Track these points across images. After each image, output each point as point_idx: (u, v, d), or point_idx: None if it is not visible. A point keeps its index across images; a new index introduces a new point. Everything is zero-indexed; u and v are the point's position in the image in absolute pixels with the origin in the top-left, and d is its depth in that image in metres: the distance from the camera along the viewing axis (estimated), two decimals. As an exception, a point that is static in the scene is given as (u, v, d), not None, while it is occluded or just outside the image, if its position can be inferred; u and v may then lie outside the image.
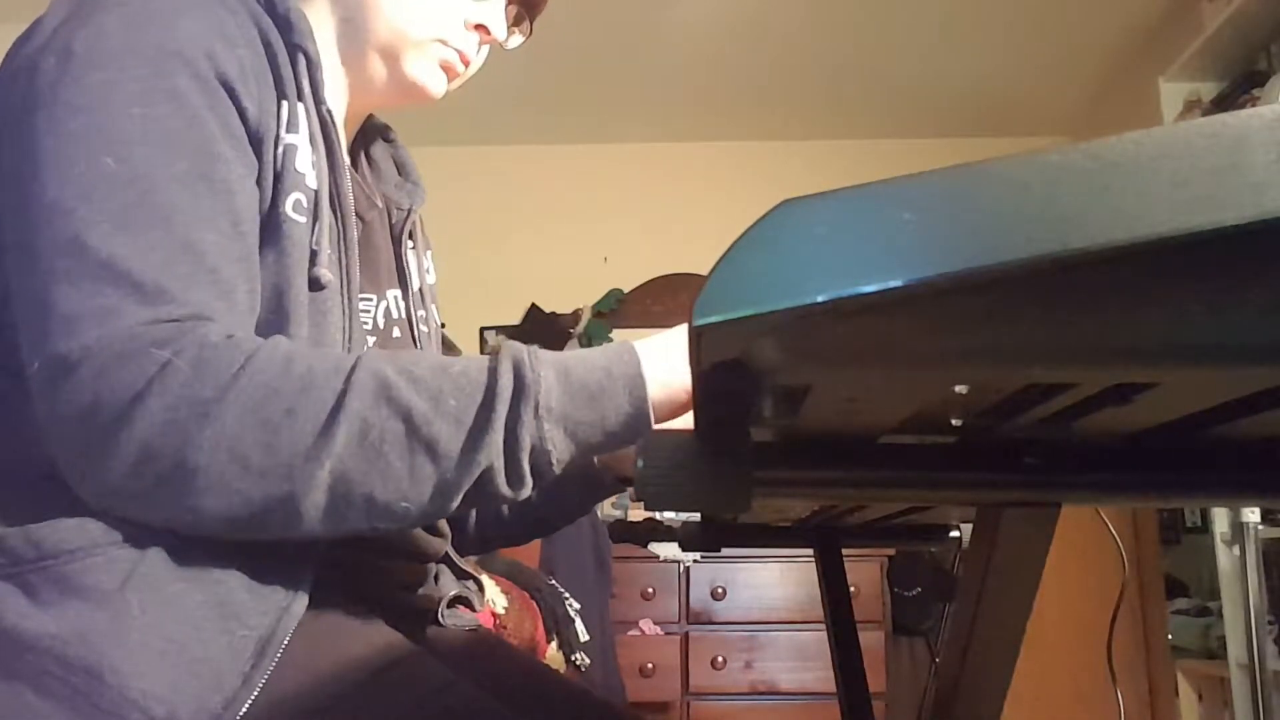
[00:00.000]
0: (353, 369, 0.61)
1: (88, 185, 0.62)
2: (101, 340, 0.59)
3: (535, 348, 0.65)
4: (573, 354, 0.66)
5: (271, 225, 0.71)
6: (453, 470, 0.61)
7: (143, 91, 0.65)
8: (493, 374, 0.63)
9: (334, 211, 0.76)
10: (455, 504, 0.63)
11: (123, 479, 0.59)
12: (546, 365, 0.63)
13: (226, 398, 0.59)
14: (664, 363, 0.66)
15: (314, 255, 0.72)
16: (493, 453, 0.61)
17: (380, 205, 0.91)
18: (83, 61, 0.64)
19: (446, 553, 0.90)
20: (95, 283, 0.60)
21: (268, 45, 0.73)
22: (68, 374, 0.59)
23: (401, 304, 0.90)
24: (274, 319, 0.70)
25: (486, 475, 0.62)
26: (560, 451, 0.63)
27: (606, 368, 0.65)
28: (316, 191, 0.74)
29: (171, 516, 0.61)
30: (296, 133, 0.73)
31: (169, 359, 0.59)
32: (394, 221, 0.92)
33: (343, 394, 0.60)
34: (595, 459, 0.88)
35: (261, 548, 0.65)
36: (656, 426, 0.66)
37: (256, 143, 0.71)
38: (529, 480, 0.63)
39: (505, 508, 0.95)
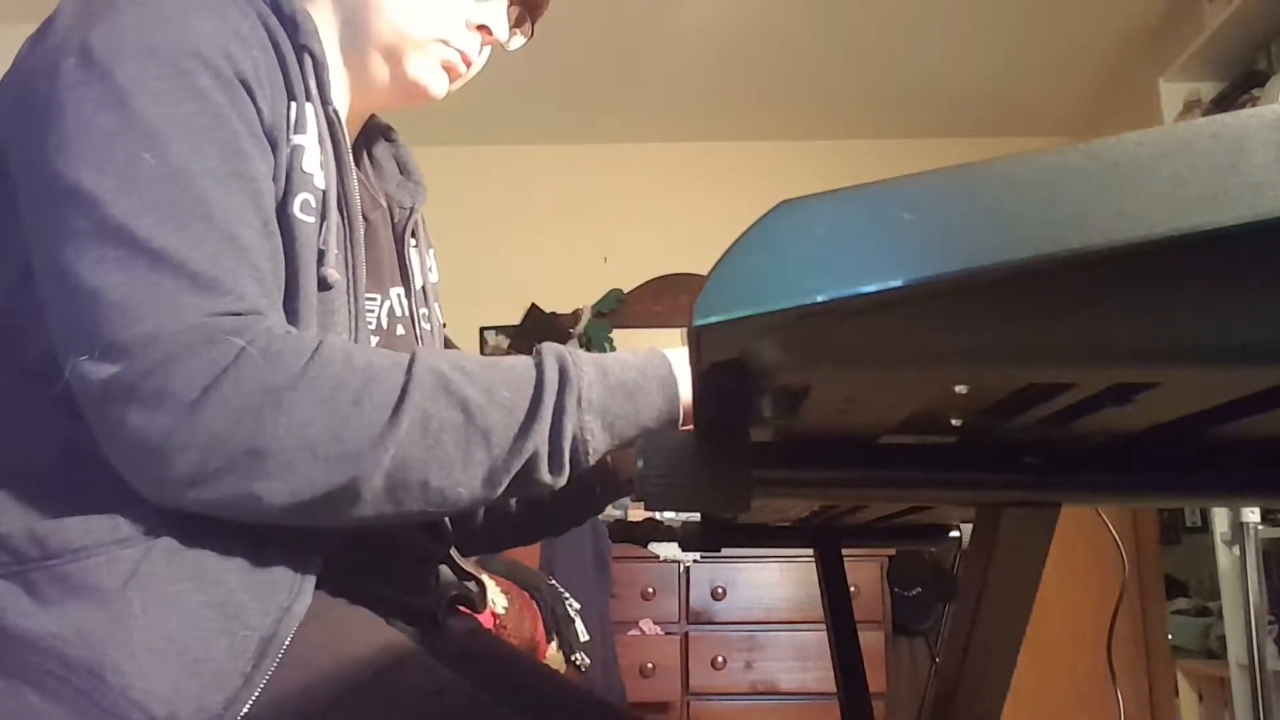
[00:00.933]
0: (411, 363, 0.64)
1: (129, 178, 0.63)
2: (166, 328, 0.60)
3: (574, 348, 0.69)
4: (607, 355, 0.70)
5: (280, 226, 0.71)
6: (504, 457, 0.64)
7: (169, 90, 0.65)
8: (539, 368, 0.66)
9: (341, 211, 0.77)
10: (501, 490, 0.65)
11: (191, 464, 0.60)
12: (587, 362, 0.68)
13: (298, 386, 0.61)
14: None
15: (321, 255, 0.73)
16: (539, 440, 0.65)
17: (383, 204, 0.91)
18: (105, 60, 0.64)
19: (449, 553, 0.90)
20: (151, 272, 0.61)
21: (276, 46, 0.73)
22: (129, 361, 0.60)
23: (405, 302, 0.90)
24: (285, 317, 0.70)
25: (531, 463, 0.65)
26: (598, 442, 0.67)
27: (640, 368, 0.69)
28: (324, 192, 0.74)
29: (234, 503, 0.61)
30: (304, 133, 0.73)
31: (243, 347, 0.60)
32: (396, 220, 0.93)
33: (405, 385, 0.63)
34: (609, 459, 0.89)
35: (263, 548, 0.65)
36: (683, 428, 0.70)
37: (270, 143, 0.71)
38: (568, 468, 0.66)
39: (515, 505, 0.96)
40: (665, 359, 0.70)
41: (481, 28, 0.86)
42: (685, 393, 0.70)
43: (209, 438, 0.59)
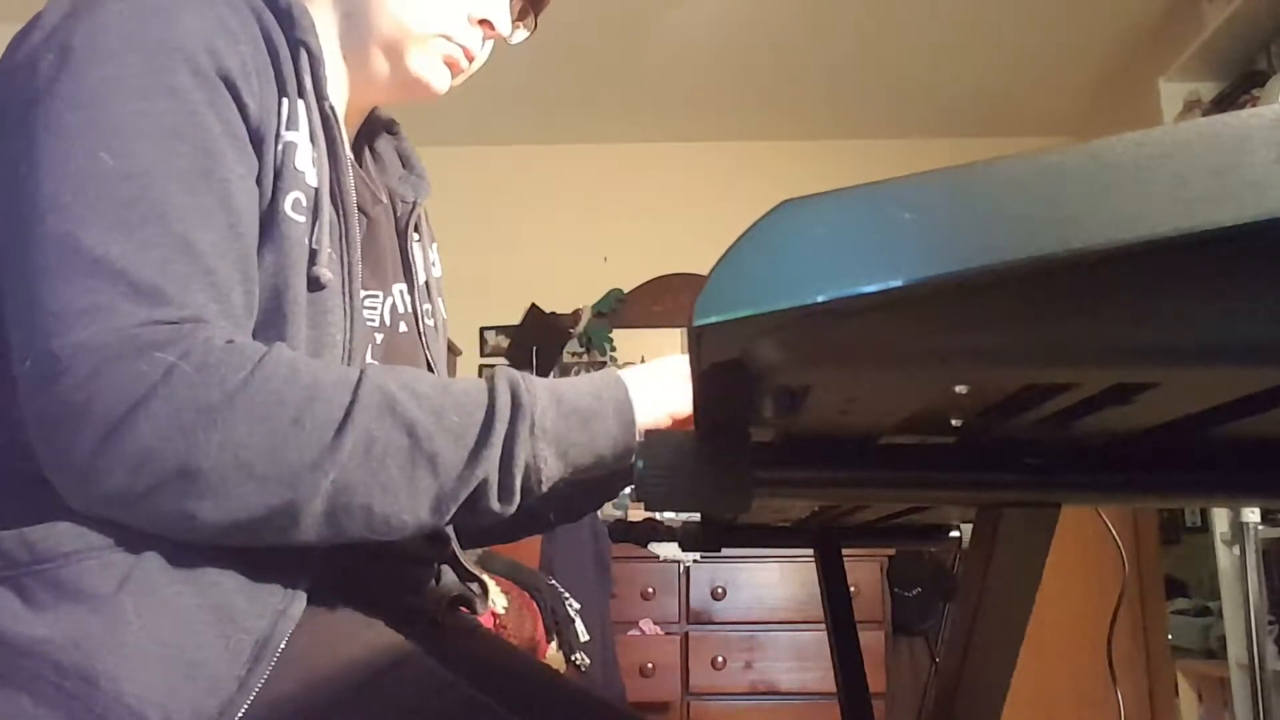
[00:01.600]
0: (359, 382, 0.62)
1: (83, 181, 0.61)
2: (96, 339, 0.58)
3: (527, 373, 0.68)
4: (562, 380, 0.69)
5: (270, 225, 0.70)
6: (451, 483, 0.62)
7: (142, 87, 0.64)
8: (491, 393, 0.65)
9: (335, 209, 0.76)
10: (448, 517, 0.64)
11: (119, 483, 0.58)
12: (540, 388, 0.66)
13: (235, 403, 0.59)
14: (649, 391, 0.70)
15: (313, 254, 0.72)
16: (489, 468, 0.63)
17: (385, 200, 0.90)
18: (82, 57, 0.63)
19: (453, 553, 0.89)
20: (89, 280, 0.59)
21: (269, 41, 0.73)
22: (59, 373, 0.58)
23: (407, 298, 0.89)
24: (273, 319, 0.69)
25: (480, 490, 0.63)
26: (551, 470, 0.65)
27: (595, 393, 0.68)
28: (317, 189, 0.73)
29: (166, 522, 0.60)
30: (297, 130, 0.72)
31: (174, 362, 0.58)
32: (399, 215, 0.92)
33: (350, 406, 0.61)
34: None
35: (259, 550, 0.65)
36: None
37: (257, 141, 0.70)
38: (518, 497, 0.65)
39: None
40: (621, 383, 0.69)
41: (484, 22, 0.85)
42: (642, 418, 0.69)
43: (136, 456, 0.57)
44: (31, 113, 0.63)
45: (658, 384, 0.71)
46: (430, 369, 0.90)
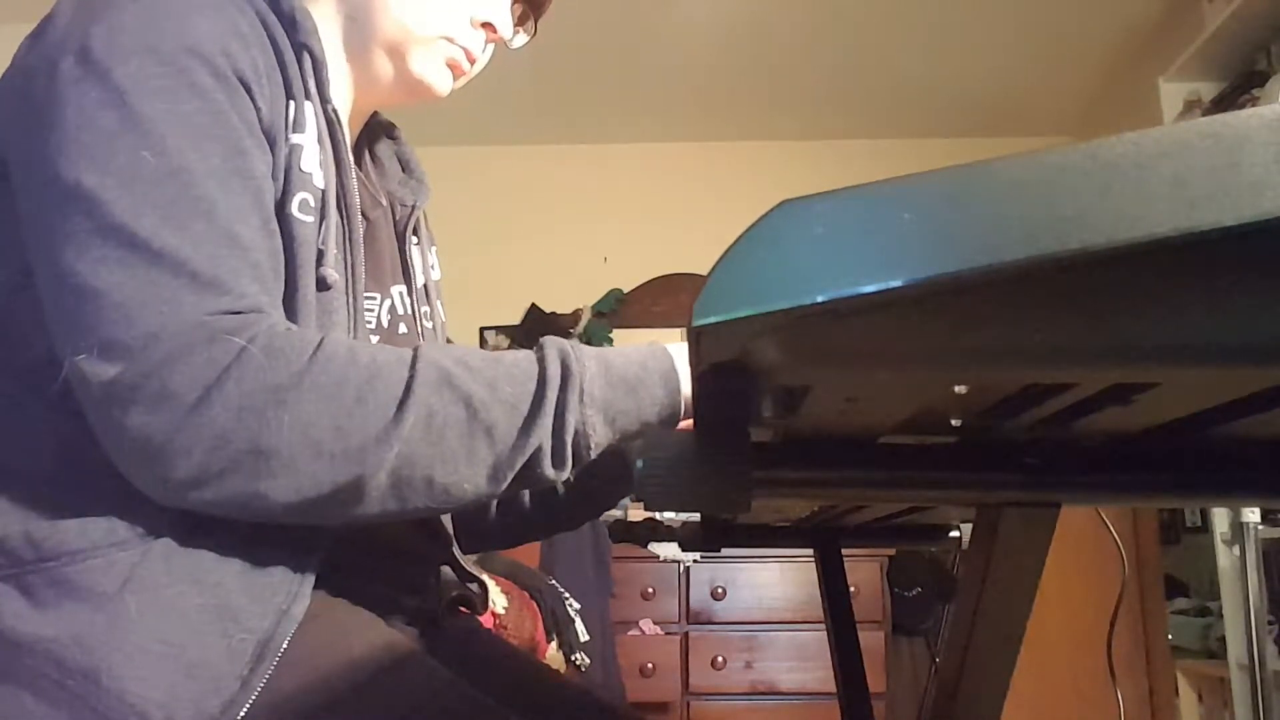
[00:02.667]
0: (415, 359, 0.64)
1: (129, 177, 0.62)
2: (167, 328, 0.60)
3: (575, 341, 0.69)
4: (610, 349, 0.70)
5: (279, 226, 0.71)
6: (507, 452, 0.64)
7: (169, 87, 0.65)
8: (541, 363, 0.66)
9: (340, 211, 0.76)
10: (505, 485, 0.65)
11: (195, 465, 0.59)
12: (589, 356, 0.67)
13: (302, 384, 0.60)
14: None
15: (320, 255, 0.73)
16: (543, 435, 0.65)
17: (385, 203, 0.91)
18: (104, 58, 0.64)
19: (452, 554, 0.89)
20: (151, 271, 0.61)
21: (274, 44, 0.73)
22: (131, 360, 0.59)
23: (406, 300, 0.90)
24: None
25: (535, 458, 0.65)
26: (599, 436, 0.67)
27: (642, 362, 0.69)
28: (323, 191, 0.74)
29: (238, 502, 0.61)
30: (303, 132, 0.73)
31: (244, 346, 0.60)
32: (398, 218, 0.92)
33: (409, 381, 0.63)
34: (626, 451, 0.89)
35: (261, 550, 0.65)
36: (683, 423, 0.70)
37: (269, 141, 0.71)
38: (569, 463, 0.66)
39: (529, 501, 0.96)
40: (667, 353, 0.70)
41: (486, 25, 0.86)
42: (687, 387, 0.70)
43: (212, 438, 0.59)
44: (58, 113, 0.64)
45: None
46: None
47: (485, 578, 0.95)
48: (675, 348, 0.71)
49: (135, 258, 0.61)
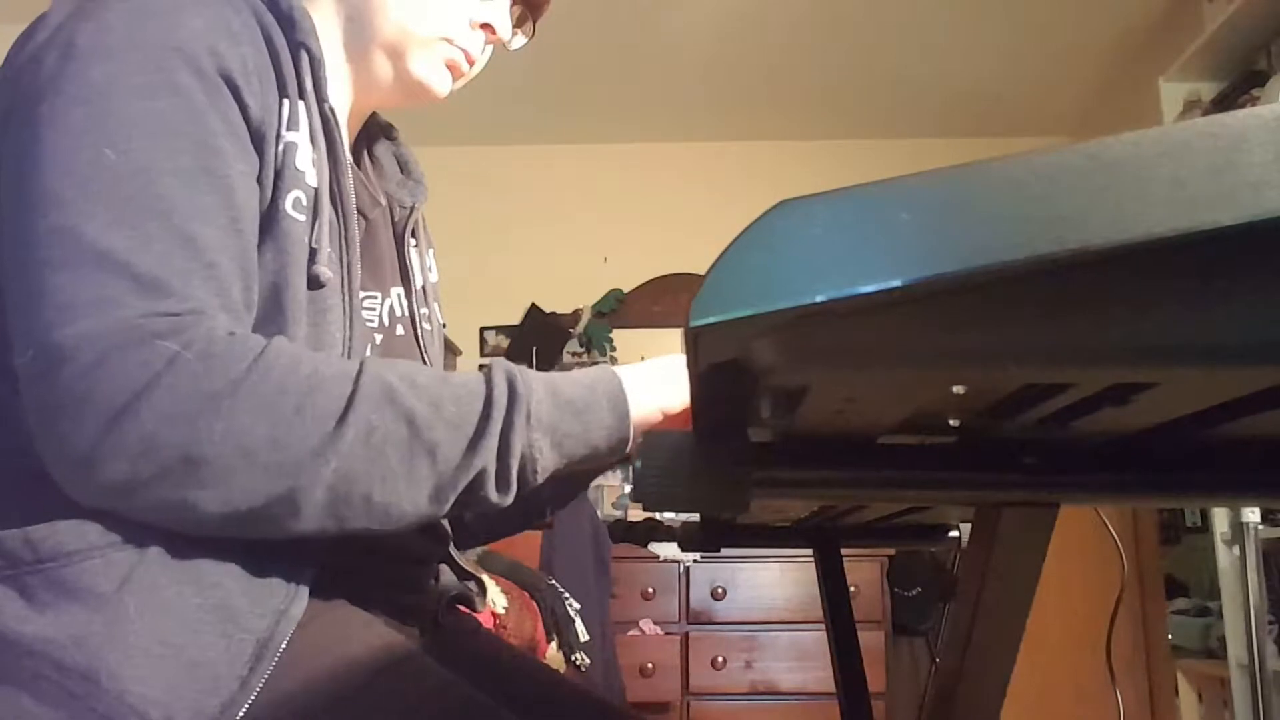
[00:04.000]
0: (359, 373, 0.63)
1: (87, 176, 0.62)
2: (100, 329, 0.59)
3: (522, 366, 0.68)
4: (557, 374, 0.69)
5: (271, 223, 0.70)
6: (450, 473, 0.63)
7: (145, 85, 0.64)
8: (489, 384, 0.65)
9: (335, 209, 0.76)
10: (447, 508, 0.64)
11: (121, 471, 0.58)
12: (535, 380, 0.67)
13: (238, 392, 0.59)
14: (643, 385, 0.70)
15: (313, 253, 0.72)
16: (487, 458, 0.63)
17: (383, 203, 0.91)
18: (85, 55, 0.64)
19: (449, 552, 0.89)
20: (93, 272, 0.60)
21: (270, 43, 0.73)
22: (62, 363, 0.58)
23: (405, 302, 0.90)
24: (272, 317, 0.70)
25: (478, 480, 0.64)
26: (546, 460, 0.66)
27: (590, 385, 0.68)
28: (316, 189, 0.74)
29: (167, 512, 0.60)
30: (297, 130, 0.73)
31: (178, 351, 0.59)
32: (396, 220, 0.92)
33: (351, 395, 0.61)
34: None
35: (260, 550, 0.65)
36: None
37: (258, 140, 0.70)
38: (514, 487, 0.65)
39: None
40: (616, 376, 0.69)
41: (485, 26, 0.86)
42: (637, 411, 0.69)
43: (139, 444, 0.58)
44: (35, 109, 0.64)
45: (652, 378, 0.72)
46: None
47: (484, 576, 0.95)
48: (625, 369, 0.71)
49: (79, 258, 0.60)
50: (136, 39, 0.65)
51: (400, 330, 0.88)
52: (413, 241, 0.93)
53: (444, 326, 0.99)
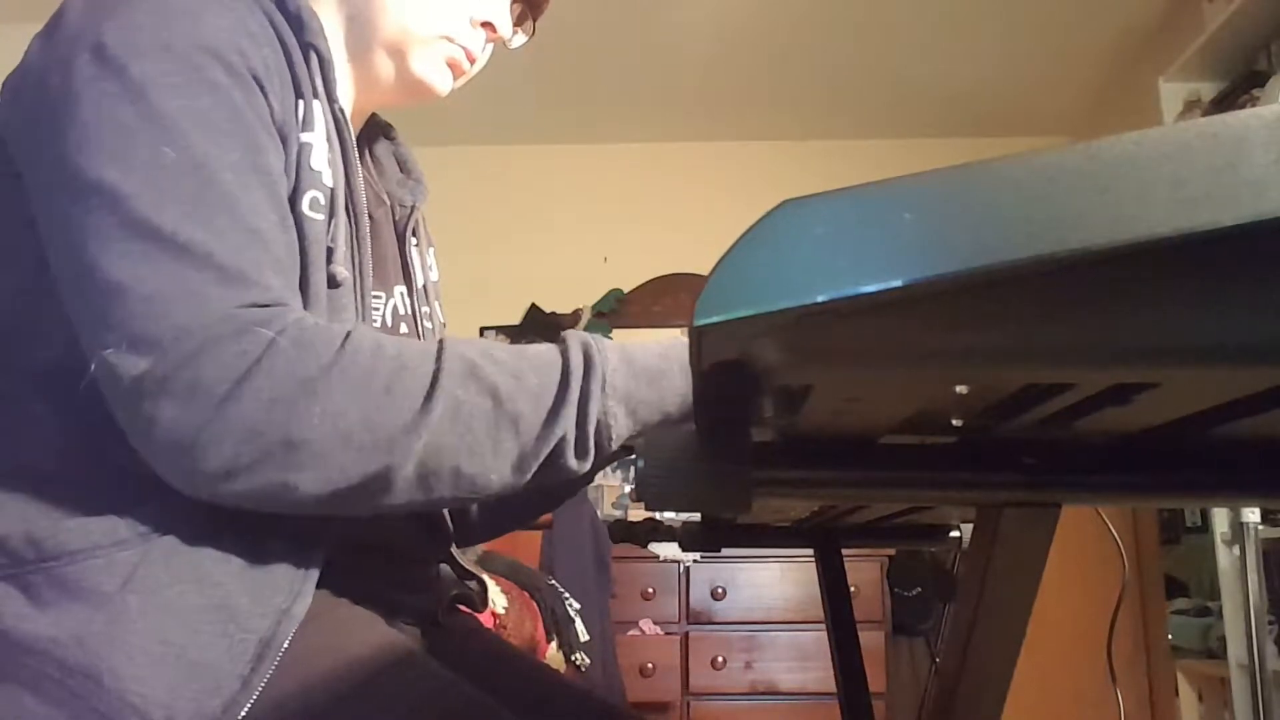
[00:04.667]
0: (441, 351, 0.64)
1: (152, 172, 0.63)
2: (195, 320, 0.60)
3: (597, 335, 0.69)
4: (632, 343, 0.70)
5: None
6: (532, 443, 0.64)
7: (185, 84, 0.65)
8: (565, 354, 0.66)
9: (347, 209, 0.77)
10: (529, 475, 0.65)
11: (225, 456, 0.59)
12: (610, 349, 0.68)
13: (331, 376, 0.61)
14: None
15: (330, 253, 0.73)
16: (567, 425, 0.65)
17: (386, 203, 0.91)
18: (120, 55, 0.64)
19: (450, 552, 0.90)
20: (177, 264, 0.61)
21: (283, 43, 0.74)
22: (162, 354, 0.59)
23: (407, 301, 0.90)
24: None
25: (559, 448, 0.65)
26: (620, 427, 0.67)
27: (663, 354, 0.69)
28: (332, 189, 0.74)
29: (268, 494, 0.61)
30: (312, 131, 0.74)
31: (273, 338, 0.60)
32: (398, 219, 0.93)
33: (436, 373, 0.63)
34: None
35: (262, 549, 0.65)
36: None
37: (281, 139, 0.71)
38: (593, 454, 0.66)
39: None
40: (687, 344, 0.70)
41: (485, 24, 0.86)
42: None
43: (243, 430, 0.59)
44: (75, 109, 0.64)
45: None
46: None
47: (485, 576, 0.95)
48: None
49: (161, 251, 0.61)
50: (165, 38, 0.66)
51: (404, 329, 0.89)
52: (413, 240, 0.93)
53: (444, 325, 0.99)
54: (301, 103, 0.74)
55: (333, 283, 0.73)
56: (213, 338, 0.59)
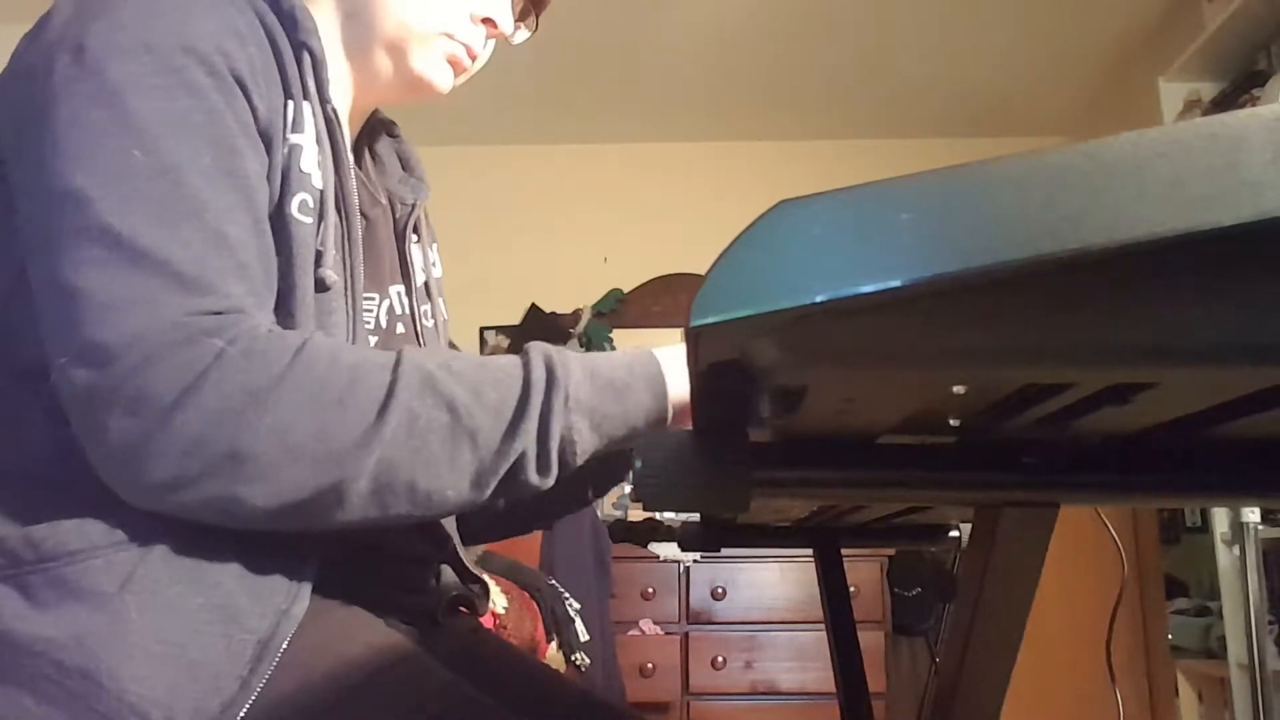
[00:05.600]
0: (398, 363, 0.63)
1: (117, 176, 0.62)
2: (145, 329, 0.59)
3: (560, 347, 0.68)
4: (595, 354, 0.69)
5: (278, 226, 0.70)
6: (491, 458, 0.63)
7: (162, 86, 0.64)
8: (526, 368, 0.65)
9: (339, 211, 0.76)
10: (489, 492, 0.64)
11: (171, 468, 0.59)
12: (574, 362, 0.67)
13: (282, 387, 0.59)
14: (680, 365, 0.70)
15: (319, 256, 0.72)
16: (527, 441, 0.64)
17: (384, 202, 0.91)
18: (99, 56, 0.64)
19: (455, 553, 0.89)
20: (133, 271, 0.60)
21: (273, 43, 0.73)
22: (110, 362, 0.59)
23: (405, 300, 0.90)
24: (281, 319, 0.70)
25: (519, 464, 0.64)
26: (585, 442, 0.66)
27: (628, 366, 0.68)
28: (322, 191, 0.74)
29: (215, 507, 0.60)
30: (302, 132, 0.73)
31: (223, 348, 0.59)
32: (397, 217, 0.92)
33: (392, 385, 0.62)
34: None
35: (261, 550, 0.65)
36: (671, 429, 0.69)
37: (265, 141, 0.70)
38: (555, 469, 0.65)
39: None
40: (653, 358, 0.69)
41: (486, 21, 0.86)
42: (674, 391, 0.69)
43: (188, 441, 0.58)
44: (53, 111, 0.63)
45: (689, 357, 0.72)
46: None
47: (486, 577, 0.95)
48: (663, 352, 0.70)
49: (118, 258, 0.60)
50: (147, 39, 0.65)
51: (400, 329, 0.88)
52: (414, 238, 0.93)
53: (447, 322, 0.99)
54: (291, 103, 0.73)
55: (321, 286, 0.72)
56: (161, 346, 0.58)
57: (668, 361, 0.70)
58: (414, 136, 1.01)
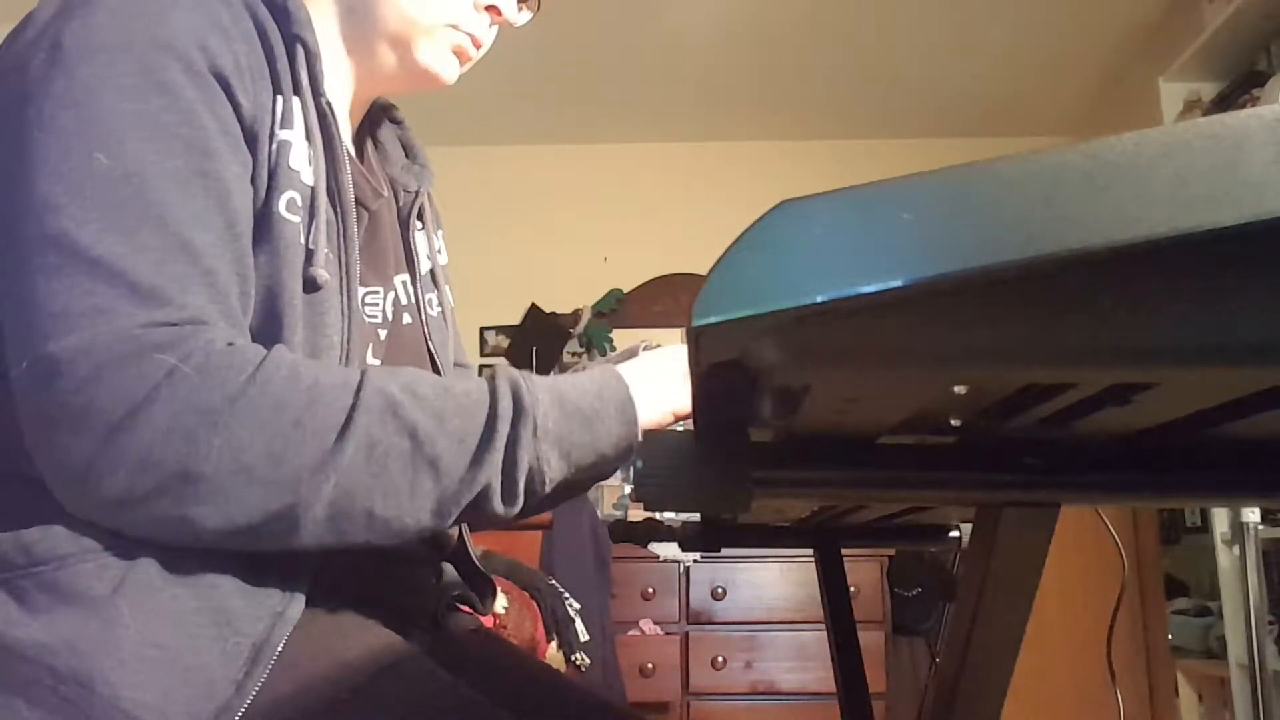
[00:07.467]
0: (360, 385, 0.61)
1: (79, 181, 0.60)
2: (95, 341, 0.57)
3: (528, 372, 0.67)
4: (563, 378, 0.68)
5: (264, 225, 0.69)
6: (453, 488, 0.62)
7: (135, 86, 0.63)
8: (493, 395, 0.64)
9: (333, 207, 0.75)
10: (450, 520, 0.63)
11: (118, 487, 0.57)
12: (542, 389, 0.65)
13: (236, 406, 0.58)
14: (650, 389, 0.70)
15: (310, 254, 0.71)
16: (492, 472, 0.63)
17: (385, 194, 0.89)
18: (73, 55, 0.62)
19: (463, 551, 0.89)
20: (87, 281, 0.59)
21: (264, 37, 0.71)
22: (58, 375, 0.57)
23: (410, 290, 0.88)
24: (267, 322, 0.68)
25: (483, 494, 0.63)
26: (554, 471, 0.65)
27: (598, 393, 0.67)
28: (313, 188, 0.72)
29: (165, 527, 0.59)
30: (291, 128, 0.71)
31: (175, 364, 0.57)
32: (401, 205, 0.91)
33: (352, 408, 0.60)
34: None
35: (256, 553, 0.64)
36: None
37: (251, 139, 0.69)
38: (521, 499, 0.64)
39: None
40: (623, 382, 0.68)
41: (490, 8, 0.85)
42: (644, 416, 0.68)
43: (136, 460, 0.57)
44: (23, 112, 0.62)
45: (659, 381, 0.71)
46: (433, 359, 0.89)
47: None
48: (628, 371, 0.70)
49: (72, 266, 0.59)
50: (124, 37, 0.64)
51: (407, 319, 0.87)
52: (419, 225, 0.92)
53: (453, 309, 0.98)
54: (280, 99, 0.71)
55: (312, 286, 0.70)
56: (111, 358, 0.57)
57: (638, 385, 0.69)
58: (414, 136, 1.01)
